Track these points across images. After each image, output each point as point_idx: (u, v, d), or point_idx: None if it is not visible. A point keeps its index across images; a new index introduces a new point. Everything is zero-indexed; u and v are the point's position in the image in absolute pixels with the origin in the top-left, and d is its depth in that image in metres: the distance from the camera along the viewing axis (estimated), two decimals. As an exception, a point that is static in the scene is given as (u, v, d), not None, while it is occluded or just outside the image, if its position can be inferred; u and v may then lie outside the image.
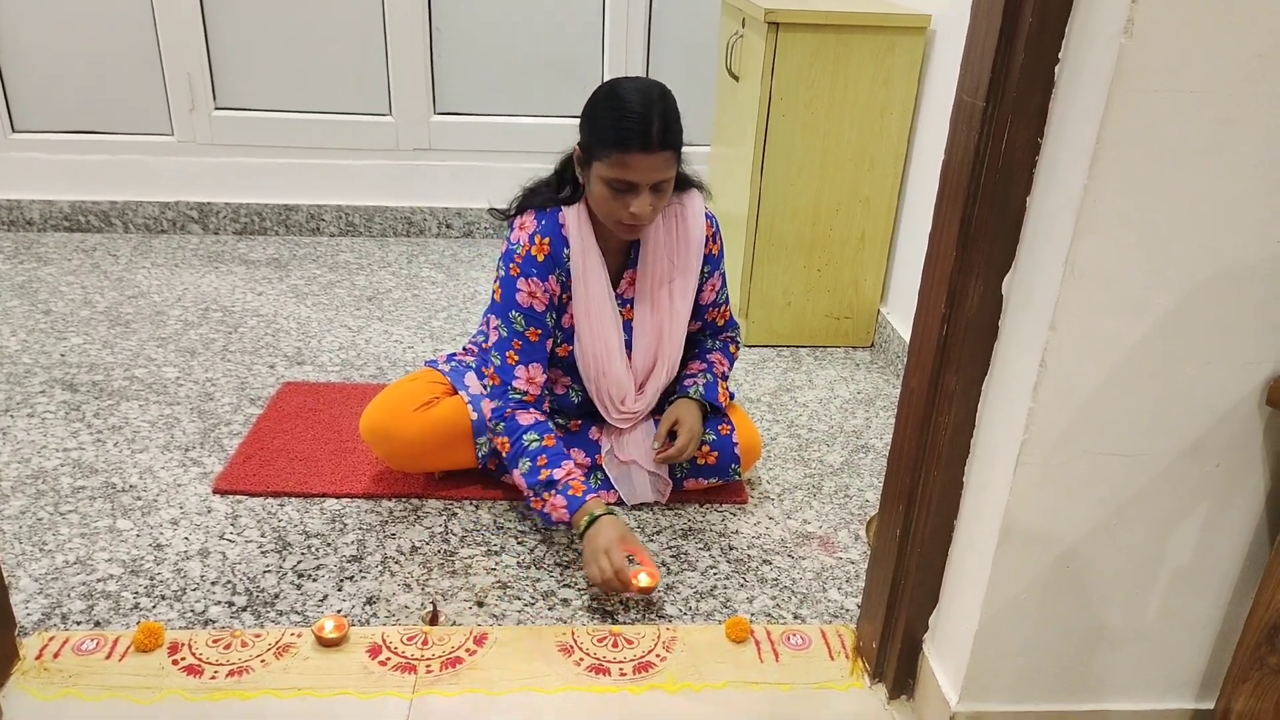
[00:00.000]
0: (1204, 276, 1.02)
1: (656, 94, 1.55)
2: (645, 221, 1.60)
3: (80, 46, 3.00)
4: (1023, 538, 1.14)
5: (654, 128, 1.51)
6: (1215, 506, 1.14)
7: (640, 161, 1.52)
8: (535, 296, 1.65)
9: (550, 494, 1.58)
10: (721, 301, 1.85)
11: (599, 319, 1.70)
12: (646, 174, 1.53)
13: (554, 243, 1.65)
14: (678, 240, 1.73)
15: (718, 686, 1.39)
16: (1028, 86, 1.01)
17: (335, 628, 1.41)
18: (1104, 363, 1.05)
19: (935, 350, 1.18)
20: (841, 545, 1.75)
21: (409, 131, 3.19)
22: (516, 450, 1.62)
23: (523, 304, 1.65)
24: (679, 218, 1.72)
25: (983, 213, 1.09)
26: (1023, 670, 1.23)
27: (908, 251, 2.45)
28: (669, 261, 1.73)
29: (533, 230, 1.66)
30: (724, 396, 1.83)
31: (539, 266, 1.64)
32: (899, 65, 2.30)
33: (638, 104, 1.52)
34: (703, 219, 1.74)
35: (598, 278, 1.68)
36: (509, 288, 1.66)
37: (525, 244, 1.65)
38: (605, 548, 1.49)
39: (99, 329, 2.46)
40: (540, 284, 1.65)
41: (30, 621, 1.45)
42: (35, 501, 1.74)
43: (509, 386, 1.66)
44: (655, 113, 1.51)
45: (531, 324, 1.66)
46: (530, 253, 1.65)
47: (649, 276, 1.73)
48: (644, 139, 1.51)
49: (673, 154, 1.55)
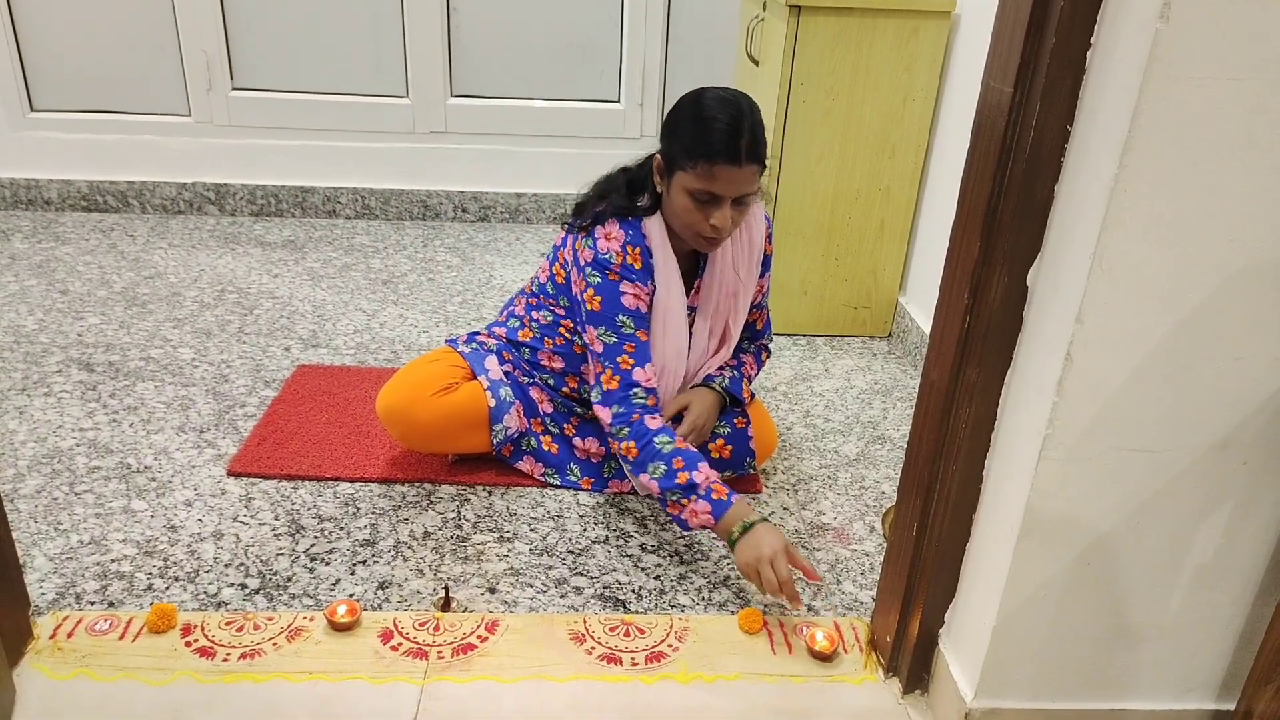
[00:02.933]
0: (1234, 270, 0.99)
1: (746, 107, 1.53)
2: (725, 235, 1.58)
3: (98, 26, 3.00)
4: (1043, 533, 1.12)
5: (743, 141, 1.49)
6: (1241, 504, 1.12)
7: (727, 174, 1.51)
8: (640, 299, 1.64)
9: (691, 499, 1.51)
10: (765, 304, 1.86)
11: (676, 330, 1.70)
12: (732, 187, 1.52)
13: (643, 254, 1.65)
14: (744, 249, 1.73)
15: (730, 677, 1.38)
16: (1058, 73, 0.99)
17: (347, 612, 1.41)
18: (1130, 357, 1.03)
19: (957, 342, 1.16)
20: (856, 537, 1.73)
21: (425, 114, 3.18)
22: (647, 454, 1.55)
23: (630, 306, 1.63)
24: (745, 226, 1.72)
25: (1008, 202, 1.07)
26: (1040, 667, 1.21)
27: (928, 241, 2.42)
28: (735, 272, 1.73)
29: (624, 241, 1.64)
30: (746, 395, 1.83)
31: (637, 273, 1.64)
32: (922, 51, 2.27)
33: (727, 116, 1.51)
34: (764, 221, 1.76)
35: (677, 289, 1.68)
36: (611, 294, 1.62)
37: (619, 253, 1.63)
38: (770, 557, 1.42)
39: (116, 309, 2.47)
40: (643, 287, 1.64)
41: (45, 601, 1.45)
42: (51, 481, 1.74)
43: (632, 390, 1.61)
44: (745, 126, 1.50)
45: (640, 326, 1.64)
46: (627, 261, 1.63)
47: (716, 286, 1.73)
48: (732, 152, 1.49)
49: (759, 167, 1.53)
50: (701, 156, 1.51)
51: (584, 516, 1.73)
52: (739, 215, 1.58)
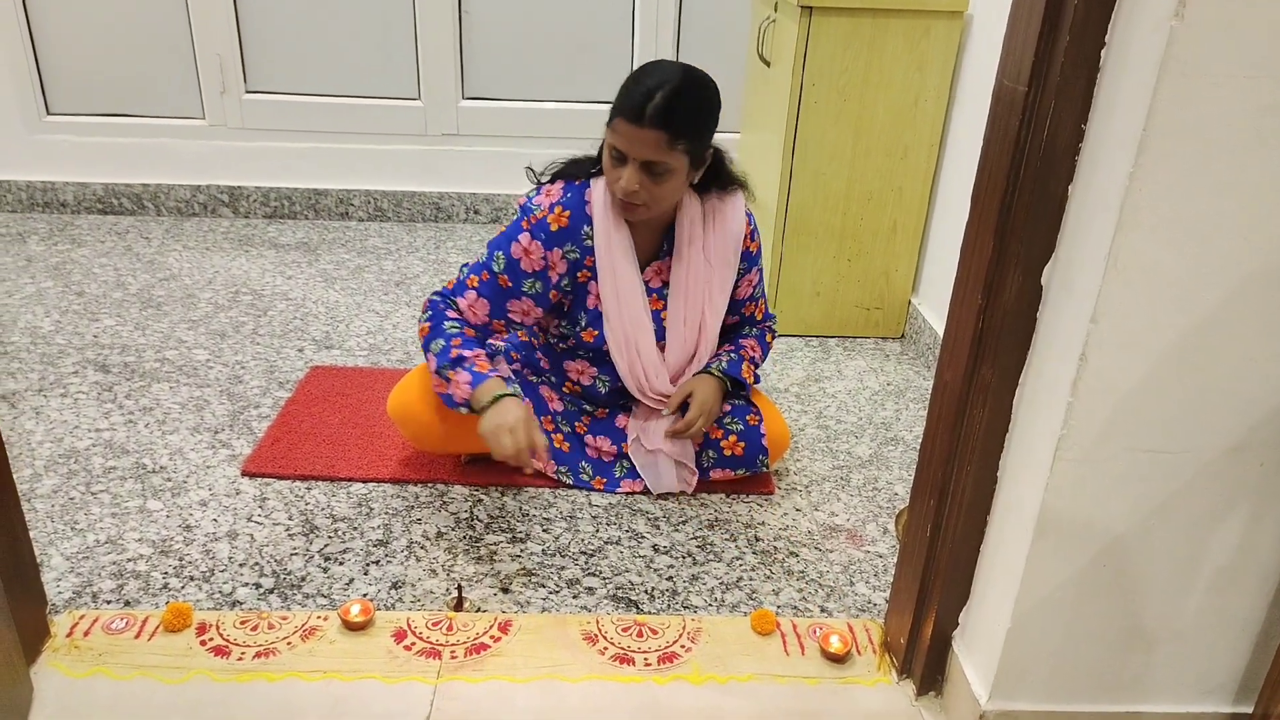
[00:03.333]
0: (1250, 271, 0.99)
1: (677, 77, 1.54)
2: (637, 200, 1.58)
3: (113, 30, 3.02)
4: (1058, 534, 1.11)
5: (651, 103, 1.50)
6: (1258, 506, 1.11)
7: (628, 131, 1.52)
8: (529, 255, 1.65)
9: (455, 371, 1.58)
10: (758, 297, 1.85)
11: (629, 298, 1.69)
12: (633, 146, 1.53)
13: (574, 217, 1.65)
14: (715, 236, 1.72)
15: (743, 679, 1.37)
16: (1072, 71, 0.98)
17: (361, 611, 1.42)
18: (1146, 357, 1.02)
19: (971, 342, 1.15)
20: (870, 538, 1.73)
21: (438, 116, 3.19)
22: (434, 333, 1.62)
23: (513, 254, 1.65)
24: (717, 213, 1.71)
25: (1022, 201, 1.06)
26: (1055, 669, 1.20)
27: (940, 242, 2.41)
28: (705, 258, 1.72)
29: (556, 200, 1.66)
30: (748, 374, 1.81)
31: (549, 234, 1.65)
32: (935, 51, 2.26)
33: (648, 79, 1.53)
34: (743, 214, 1.74)
35: (625, 256, 1.68)
36: (511, 233, 1.66)
37: (545, 209, 1.66)
38: (511, 425, 1.50)
39: (131, 311, 2.49)
40: (541, 248, 1.65)
41: (61, 600, 1.46)
42: (67, 481, 1.76)
43: (451, 298, 1.67)
44: (662, 91, 1.51)
45: (508, 273, 1.65)
46: (546, 218, 1.65)
47: (684, 270, 1.72)
48: (636, 111, 1.51)
49: (666, 136, 1.52)
50: (614, 111, 1.54)
51: (596, 517, 1.74)
52: (654, 187, 1.56)
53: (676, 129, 1.53)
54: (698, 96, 1.56)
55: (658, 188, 1.58)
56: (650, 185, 1.57)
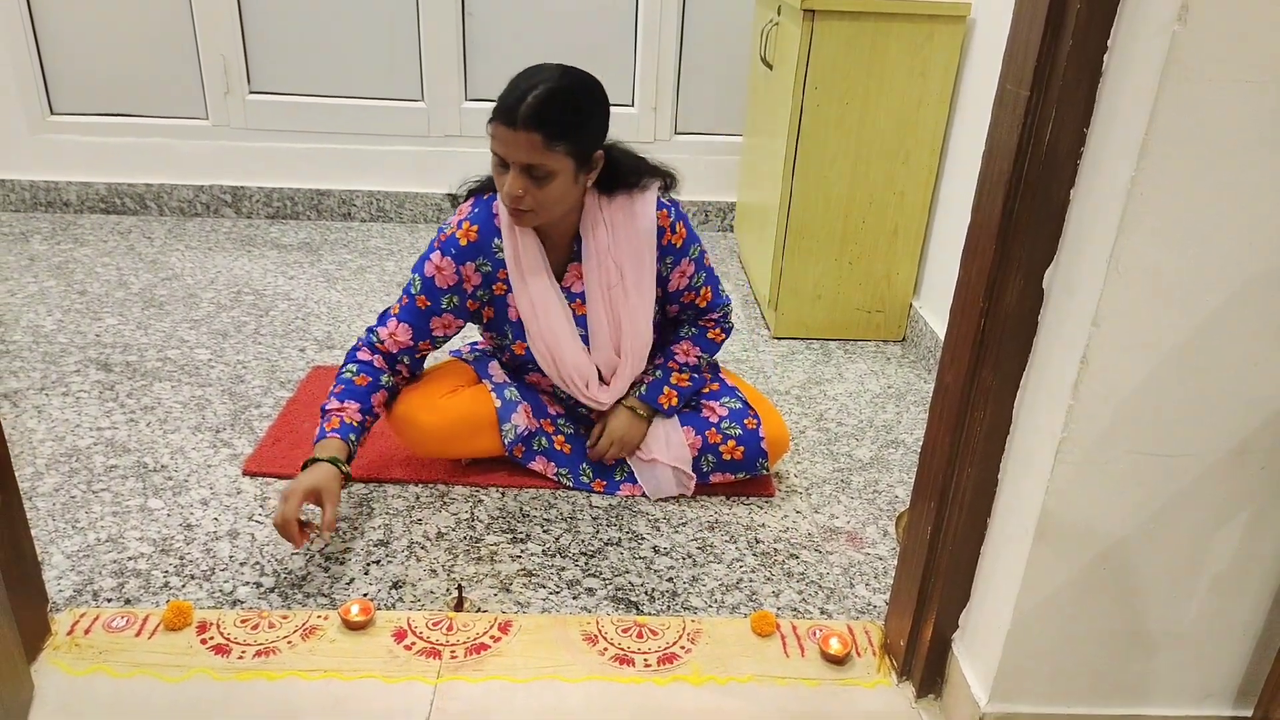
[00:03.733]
0: (1252, 274, 0.99)
1: (554, 78, 1.51)
2: (523, 206, 1.55)
3: (117, 31, 3.03)
4: (1059, 537, 1.12)
5: (522, 105, 1.47)
6: (1259, 510, 1.11)
7: (502, 134, 1.50)
8: (442, 272, 1.66)
9: (321, 419, 1.62)
10: (698, 285, 1.77)
11: (544, 306, 1.69)
12: (508, 150, 1.51)
13: (482, 231, 1.66)
14: (623, 235, 1.67)
15: (742, 680, 1.38)
16: (1075, 75, 0.99)
17: (361, 611, 1.42)
18: (1147, 360, 1.03)
19: (972, 345, 1.16)
20: (870, 541, 1.73)
21: (441, 118, 3.20)
22: (338, 375, 1.67)
23: (427, 273, 1.66)
24: (625, 212, 1.67)
25: (1024, 205, 1.06)
26: (1055, 671, 1.20)
27: (941, 245, 2.42)
28: (614, 259, 1.68)
29: (464, 216, 1.67)
30: (667, 400, 1.78)
31: (459, 250, 1.65)
32: (937, 55, 2.26)
33: (523, 80, 1.51)
34: (653, 210, 1.67)
35: (535, 266, 1.67)
36: (425, 255, 1.68)
37: (453, 226, 1.67)
38: (288, 493, 1.47)
39: (133, 310, 2.49)
40: (453, 264, 1.65)
41: (62, 598, 1.46)
42: (69, 479, 1.76)
43: (376, 328, 1.70)
44: (535, 94, 1.48)
45: (425, 293, 1.67)
46: (455, 235, 1.66)
47: (596, 272, 1.69)
48: (508, 113, 1.49)
49: (541, 138, 1.48)
50: (491, 115, 1.52)
51: (597, 518, 1.74)
52: (538, 192, 1.53)
53: (552, 130, 1.49)
54: (574, 96, 1.53)
55: (542, 192, 1.54)
56: (534, 190, 1.53)
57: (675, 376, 1.79)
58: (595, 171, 1.62)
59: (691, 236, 1.73)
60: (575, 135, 1.53)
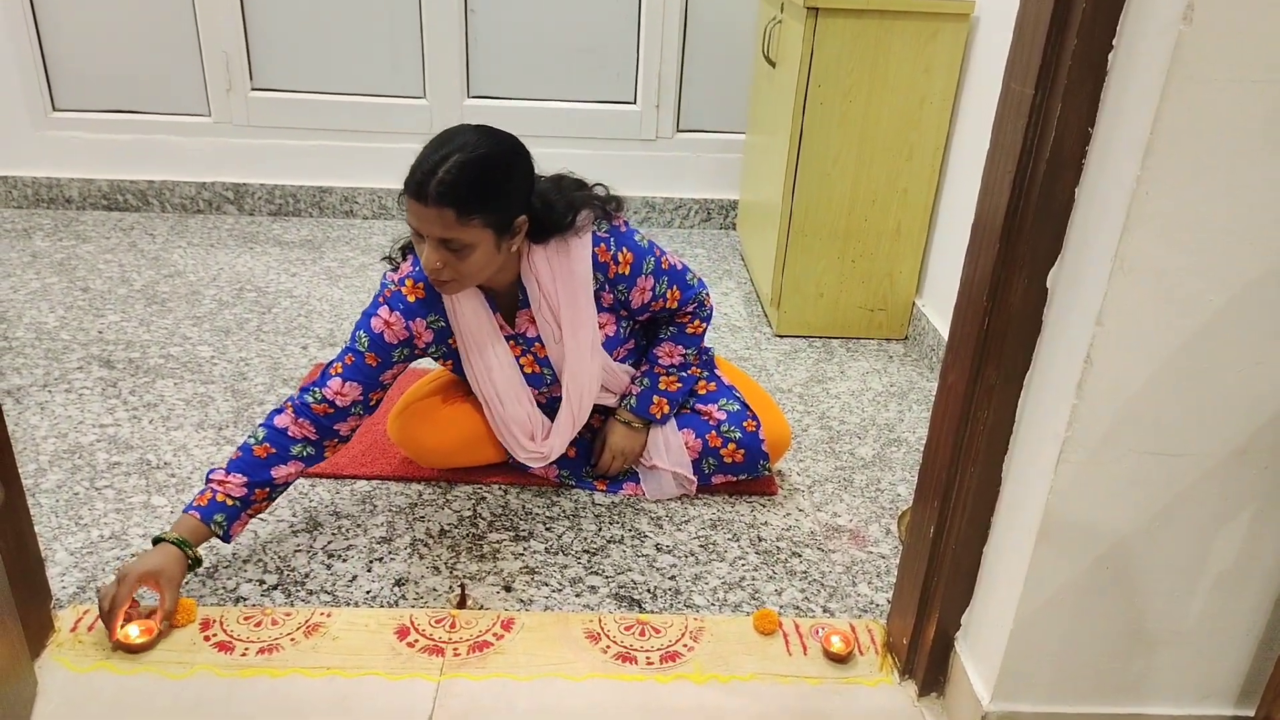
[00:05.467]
0: (1257, 274, 0.99)
1: (465, 150, 1.43)
2: (443, 278, 1.49)
3: (119, 27, 3.03)
4: (1062, 536, 1.12)
5: (431, 180, 1.40)
6: (1262, 510, 1.11)
7: (415, 209, 1.43)
8: (390, 327, 1.58)
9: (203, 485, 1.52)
10: (662, 294, 1.67)
11: (495, 361, 1.64)
12: (423, 224, 1.44)
13: (429, 288, 1.59)
14: (562, 282, 1.61)
15: (745, 678, 1.38)
16: (1079, 74, 0.99)
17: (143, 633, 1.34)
18: (1151, 360, 1.02)
19: (975, 344, 1.15)
20: (872, 539, 1.73)
21: (443, 115, 3.19)
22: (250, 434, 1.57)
23: (374, 328, 1.58)
24: (561, 257, 1.60)
25: (1029, 204, 1.06)
26: (1058, 671, 1.20)
27: (944, 244, 2.41)
28: (550, 308, 1.63)
29: (408, 274, 1.60)
30: (659, 409, 1.75)
31: (406, 305, 1.59)
32: (941, 53, 2.26)
33: (434, 151, 1.43)
34: (588, 253, 1.60)
35: (475, 321, 1.61)
36: (370, 311, 1.60)
37: (397, 284, 1.60)
38: (123, 574, 1.36)
39: (136, 307, 2.49)
40: (402, 320, 1.58)
41: (66, 594, 1.46)
42: (71, 476, 1.76)
43: (315, 388, 1.56)
44: (446, 168, 1.40)
45: (373, 349, 1.57)
46: (401, 291, 1.60)
47: (542, 317, 1.64)
48: (419, 188, 1.41)
49: (452, 212, 1.42)
50: (403, 187, 1.45)
51: (599, 516, 1.74)
52: (459, 264, 1.47)
53: (465, 205, 1.42)
54: (489, 167, 1.44)
55: (463, 263, 1.47)
56: (454, 262, 1.47)
57: (664, 381, 1.75)
58: (519, 235, 1.53)
59: (639, 254, 1.63)
60: (491, 207, 1.45)
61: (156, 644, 1.36)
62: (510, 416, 1.70)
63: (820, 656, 1.42)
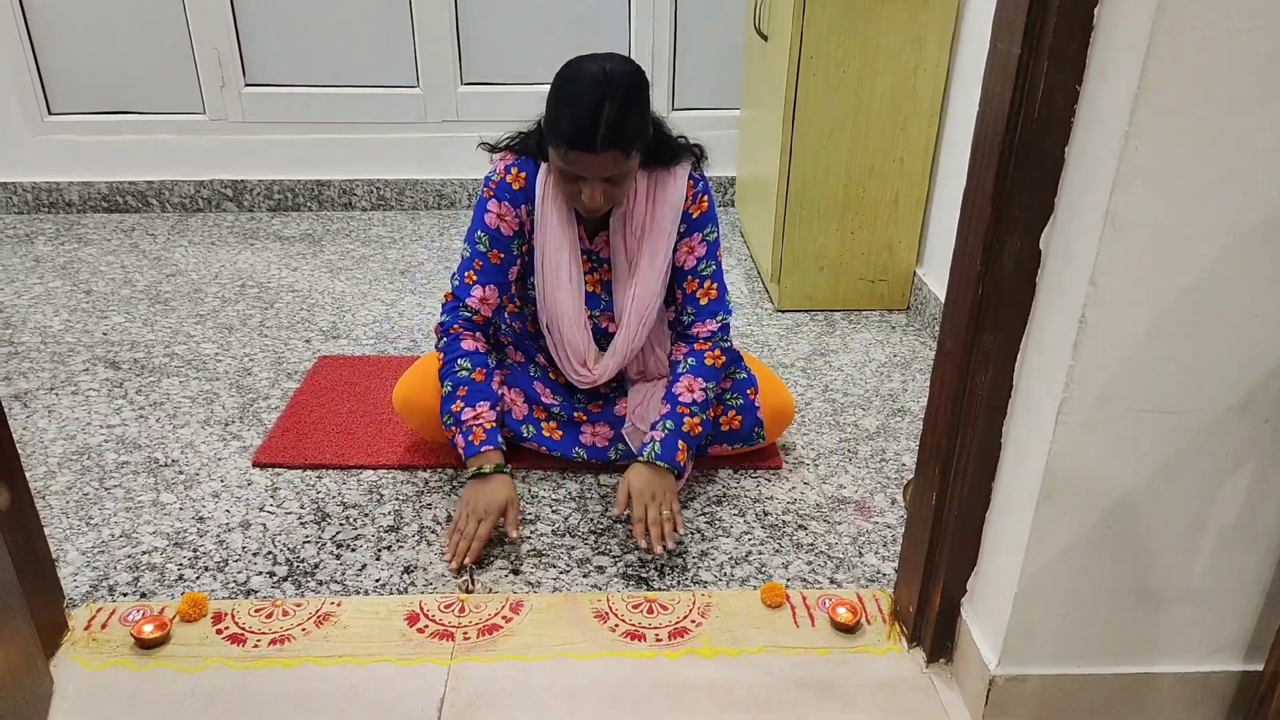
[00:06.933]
0: (1249, 226, 0.98)
1: (614, 88, 1.46)
2: (602, 208, 1.57)
3: (110, 27, 3.03)
4: (1063, 498, 1.11)
5: (599, 133, 1.45)
6: (1264, 464, 1.11)
7: (584, 160, 1.49)
8: (504, 219, 1.65)
9: (455, 430, 1.62)
10: (704, 273, 1.70)
11: (554, 278, 1.68)
12: (593, 170, 1.50)
13: (529, 179, 1.66)
14: (655, 208, 1.67)
15: (754, 651, 1.38)
16: (1065, 30, 0.98)
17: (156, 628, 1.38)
18: (1146, 317, 1.02)
19: (971, 310, 1.15)
20: (878, 510, 1.73)
21: (437, 103, 3.18)
22: (446, 370, 1.65)
23: (490, 224, 1.65)
24: (660, 184, 1.66)
25: (1019, 166, 1.06)
26: (1064, 632, 1.21)
27: (943, 212, 2.40)
28: (640, 226, 1.68)
29: (511, 163, 1.67)
30: (684, 455, 1.64)
31: (512, 193, 1.65)
32: (932, 21, 2.24)
33: (588, 101, 1.46)
34: (683, 186, 1.67)
35: (559, 230, 1.66)
36: (479, 209, 1.67)
37: (502, 172, 1.67)
38: (482, 514, 1.53)
39: (139, 307, 2.50)
40: (511, 209, 1.65)
41: (79, 594, 1.48)
42: (81, 477, 1.77)
43: (461, 303, 1.67)
44: (604, 115, 1.45)
45: (495, 246, 1.66)
46: (505, 179, 1.66)
47: (622, 244, 1.69)
48: (588, 141, 1.46)
49: (619, 153, 1.49)
50: (562, 141, 1.48)
51: (605, 497, 1.74)
52: (615, 190, 1.55)
53: (628, 143, 1.50)
54: (635, 103, 1.50)
55: (619, 189, 1.56)
56: (612, 191, 1.55)
57: (687, 422, 1.65)
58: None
59: (712, 210, 1.71)
60: (644, 136, 1.55)
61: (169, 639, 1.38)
62: (568, 339, 1.72)
63: (828, 627, 1.43)
